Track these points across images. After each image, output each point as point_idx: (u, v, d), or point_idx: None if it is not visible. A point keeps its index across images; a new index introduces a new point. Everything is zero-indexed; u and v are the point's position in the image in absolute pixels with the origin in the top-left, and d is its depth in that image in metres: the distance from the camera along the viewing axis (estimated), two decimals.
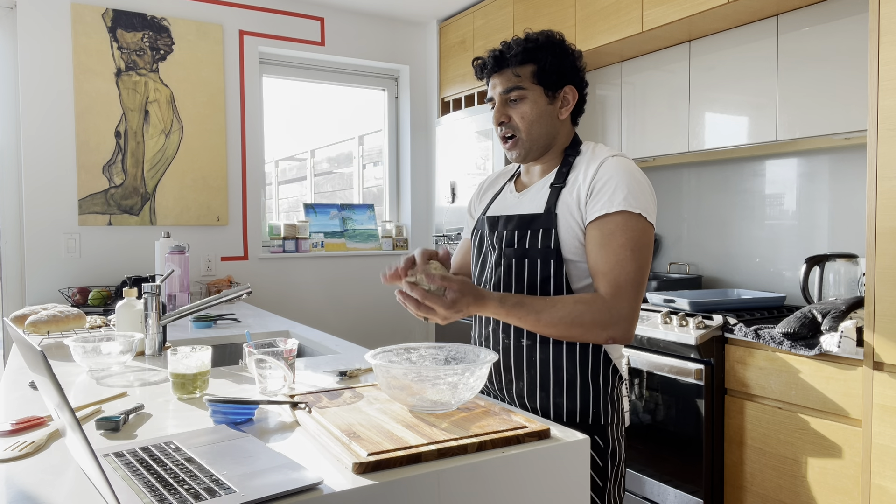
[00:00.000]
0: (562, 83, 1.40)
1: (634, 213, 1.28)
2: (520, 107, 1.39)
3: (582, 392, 1.35)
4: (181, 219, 3.32)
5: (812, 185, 2.62)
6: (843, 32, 2.20)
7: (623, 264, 1.27)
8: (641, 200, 1.30)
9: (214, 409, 1.17)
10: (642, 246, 1.29)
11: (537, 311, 1.27)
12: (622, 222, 1.28)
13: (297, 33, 3.62)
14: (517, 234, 1.39)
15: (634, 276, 1.28)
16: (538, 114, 1.39)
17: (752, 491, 2.20)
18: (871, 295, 1.84)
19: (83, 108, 3.09)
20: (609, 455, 1.36)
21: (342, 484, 0.91)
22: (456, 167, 3.59)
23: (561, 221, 1.35)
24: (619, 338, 1.28)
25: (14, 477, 0.95)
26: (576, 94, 1.42)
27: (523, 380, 1.39)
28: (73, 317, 2.13)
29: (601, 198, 1.30)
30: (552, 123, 1.41)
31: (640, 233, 1.29)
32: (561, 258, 1.34)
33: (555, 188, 1.39)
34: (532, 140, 1.41)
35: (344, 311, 3.78)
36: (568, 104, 1.42)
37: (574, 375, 1.35)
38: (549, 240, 1.35)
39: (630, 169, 1.33)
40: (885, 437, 1.82)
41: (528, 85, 1.38)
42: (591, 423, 1.35)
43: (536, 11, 3.15)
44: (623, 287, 1.27)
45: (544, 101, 1.39)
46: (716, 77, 2.61)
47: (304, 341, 2.13)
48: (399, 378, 1.15)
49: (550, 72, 1.38)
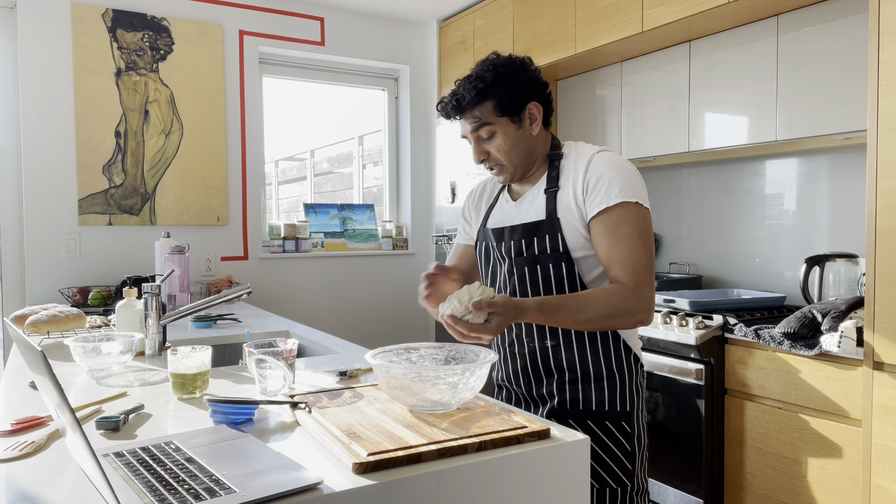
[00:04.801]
0: (523, 105, 1.43)
1: (632, 202, 1.35)
2: (493, 141, 1.44)
3: (609, 383, 1.42)
4: (181, 219, 3.32)
5: (812, 185, 2.62)
6: (843, 32, 2.20)
7: (636, 251, 1.34)
8: (636, 189, 1.37)
9: (214, 409, 1.17)
10: (646, 231, 1.36)
11: (574, 311, 1.31)
12: (624, 212, 1.34)
13: (297, 33, 3.62)
14: (524, 242, 1.44)
15: (647, 260, 1.35)
16: (511, 142, 1.43)
17: (752, 491, 2.20)
18: (871, 295, 1.84)
19: (83, 108, 3.09)
20: (636, 439, 1.43)
21: (342, 484, 0.91)
22: (456, 167, 3.59)
23: (563, 223, 1.40)
24: (645, 320, 1.35)
25: (14, 477, 0.95)
26: (540, 107, 1.45)
27: (553, 378, 1.45)
28: (73, 317, 2.13)
29: (598, 193, 1.36)
30: (528, 143, 1.45)
31: (642, 219, 1.36)
32: (570, 258, 1.40)
33: (549, 193, 1.44)
34: (515, 165, 1.46)
35: (344, 311, 3.78)
36: (536, 119, 1.45)
37: (600, 368, 1.42)
38: (555, 242, 1.40)
39: (618, 161, 1.40)
40: (885, 437, 1.82)
41: (493, 119, 1.42)
42: (619, 410, 1.42)
43: (536, 11, 3.15)
44: (641, 273, 1.33)
45: (513, 128, 1.43)
46: (716, 77, 2.61)
47: (304, 341, 2.13)
48: (399, 378, 1.15)
49: (508, 102, 1.41)
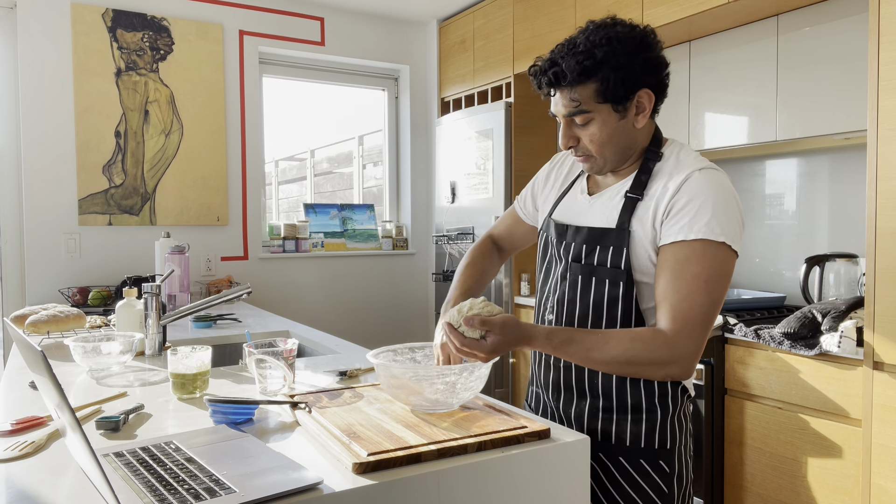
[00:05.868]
0: (633, 92, 1.20)
1: (716, 242, 1.14)
2: (588, 129, 1.22)
3: (648, 415, 1.23)
4: (181, 219, 3.32)
5: (812, 185, 2.62)
6: (843, 32, 2.20)
7: (694, 297, 1.13)
8: (726, 226, 1.15)
9: (214, 409, 1.17)
10: (719, 277, 1.15)
11: (587, 349, 1.16)
12: (700, 250, 1.14)
13: (297, 33, 3.62)
14: (585, 248, 1.27)
15: (705, 311, 1.14)
16: (609, 133, 1.22)
17: (752, 491, 2.20)
18: (871, 295, 1.84)
19: (83, 108, 3.09)
20: (675, 479, 1.23)
21: (342, 484, 0.91)
22: (456, 167, 3.59)
23: (634, 239, 1.21)
24: (678, 376, 1.16)
25: (14, 477, 0.95)
26: (652, 96, 1.22)
27: (586, 401, 1.27)
28: (73, 317, 2.13)
29: (680, 220, 1.16)
30: (628, 136, 1.24)
31: (720, 263, 1.15)
32: (631, 279, 1.22)
33: (630, 199, 1.23)
34: (607, 158, 1.25)
35: (344, 311, 3.78)
36: (644, 110, 1.22)
37: (639, 399, 1.23)
38: (619, 258, 1.22)
39: (719, 187, 1.17)
40: (885, 437, 1.82)
41: (592, 106, 1.20)
42: (658, 447, 1.23)
43: (536, 11, 3.15)
44: (691, 323, 1.13)
45: (614, 117, 1.21)
46: (716, 77, 2.61)
47: (304, 341, 2.13)
48: (399, 377, 1.16)
49: (615, 87, 1.18)
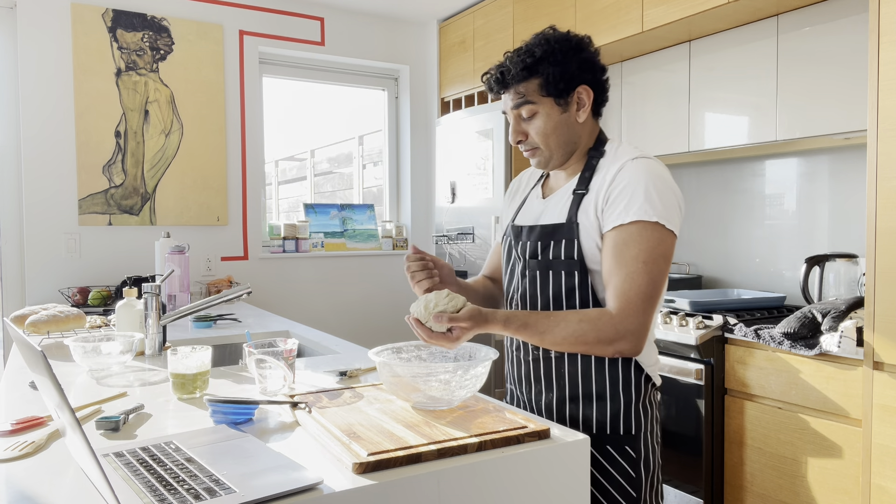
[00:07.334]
0: (572, 87, 1.33)
1: (650, 223, 1.23)
2: (534, 122, 1.35)
3: (612, 403, 1.31)
4: (181, 219, 3.32)
5: (812, 185, 2.62)
6: (843, 32, 2.20)
7: (634, 277, 1.22)
8: (660, 207, 1.24)
9: (214, 409, 1.17)
10: (657, 257, 1.23)
11: (541, 332, 1.25)
12: (637, 232, 1.23)
13: (297, 33, 3.62)
14: (540, 244, 1.36)
15: (646, 289, 1.22)
16: (553, 126, 1.34)
17: (752, 491, 2.20)
18: (871, 295, 1.84)
19: (83, 108, 3.09)
20: (642, 465, 1.31)
21: (342, 484, 0.91)
22: (456, 167, 3.59)
23: (582, 231, 1.30)
24: (627, 351, 1.24)
25: (14, 477, 0.95)
26: (590, 92, 1.35)
27: (553, 391, 1.36)
28: (73, 317, 2.13)
29: (617, 207, 1.26)
30: (570, 130, 1.36)
31: (657, 242, 1.24)
32: (585, 268, 1.31)
33: (577, 195, 1.34)
34: (552, 150, 1.37)
35: (344, 311, 3.78)
36: (584, 105, 1.35)
37: (603, 387, 1.31)
38: (571, 250, 1.31)
39: (651, 173, 1.27)
40: (885, 437, 1.82)
41: (537, 98, 1.33)
42: (623, 433, 1.31)
43: (536, 11, 3.15)
44: (633, 301, 1.22)
45: (557, 111, 1.34)
46: (716, 77, 2.61)
47: (304, 341, 2.13)
48: (397, 374, 1.17)
49: (556, 82, 1.31)
